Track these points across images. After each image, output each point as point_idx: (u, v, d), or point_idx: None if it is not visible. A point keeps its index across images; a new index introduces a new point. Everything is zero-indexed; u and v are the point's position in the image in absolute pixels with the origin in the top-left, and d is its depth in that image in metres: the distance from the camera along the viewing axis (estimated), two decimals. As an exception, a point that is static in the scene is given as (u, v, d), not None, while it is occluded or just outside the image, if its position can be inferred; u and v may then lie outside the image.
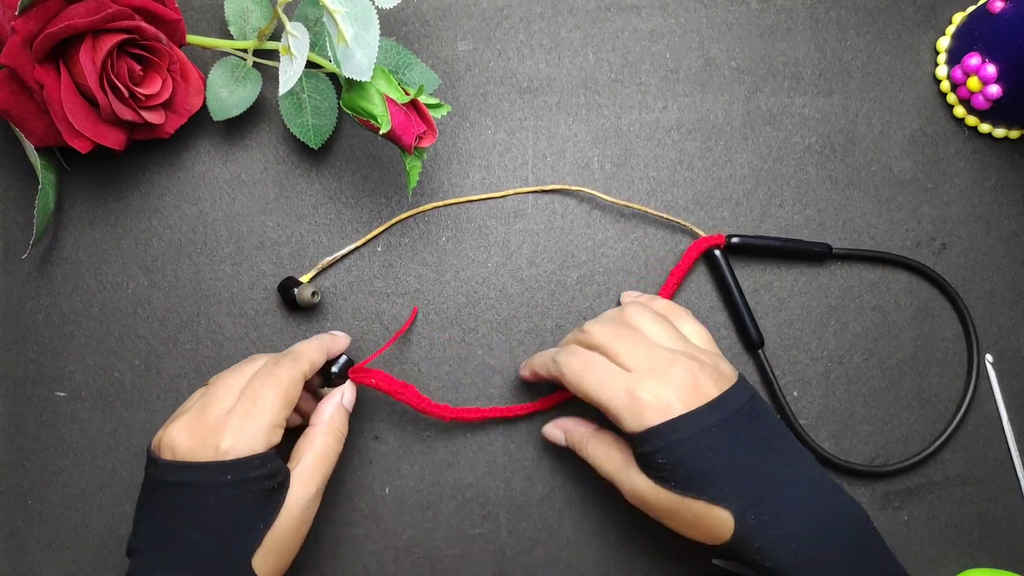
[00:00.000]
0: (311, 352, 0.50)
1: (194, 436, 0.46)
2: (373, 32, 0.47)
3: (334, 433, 0.50)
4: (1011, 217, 0.60)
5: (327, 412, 0.51)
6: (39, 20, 0.48)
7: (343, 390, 0.52)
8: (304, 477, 0.48)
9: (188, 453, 0.45)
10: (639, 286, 0.58)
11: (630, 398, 0.46)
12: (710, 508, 0.46)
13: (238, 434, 0.45)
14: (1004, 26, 0.55)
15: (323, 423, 0.50)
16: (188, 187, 0.58)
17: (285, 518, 0.46)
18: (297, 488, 0.47)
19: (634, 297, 0.56)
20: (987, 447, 0.59)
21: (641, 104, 0.59)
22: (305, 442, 0.49)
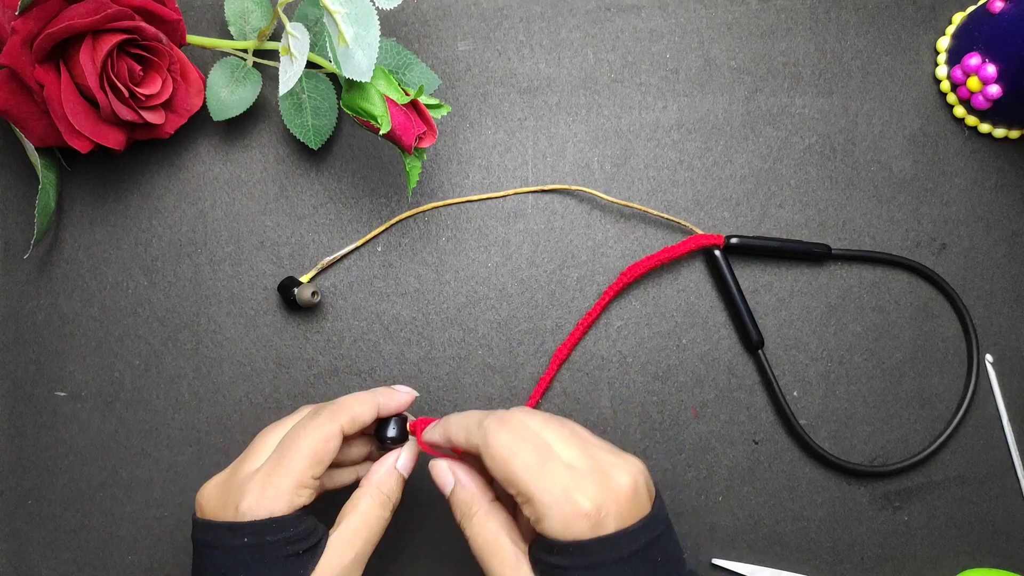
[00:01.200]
0: (355, 405, 0.46)
1: (220, 495, 0.44)
2: (373, 32, 0.47)
3: (380, 497, 0.46)
4: (1011, 217, 0.60)
5: (377, 474, 0.47)
6: (39, 20, 0.48)
7: (399, 452, 0.47)
8: (341, 543, 0.44)
9: (211, 512, 0.44)
10: (640, 285, 0.58)
11: (566, 500, 0.39)
12: None
13: (258, 495, 0.43)
14: (1004, 26, 0.55)
15: (370, 485, 0.46)
16: (188, 187, 0.58)
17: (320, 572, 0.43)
18: (332, 554, 0.44)
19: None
20: (987, 447, 0.59)
21: (641, 104, 0.59)
22: (349, 504, 0.46)
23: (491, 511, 0.44)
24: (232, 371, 0.57)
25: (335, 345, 0.57)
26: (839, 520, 0.58)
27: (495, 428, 0.42)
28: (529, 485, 0.40)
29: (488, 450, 0.41)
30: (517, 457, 0.41)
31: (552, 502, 0.39)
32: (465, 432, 0.43)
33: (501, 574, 0.42)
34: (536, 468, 0.40)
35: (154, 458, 0.56)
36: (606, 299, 0.57)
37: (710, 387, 0.58)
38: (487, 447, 0.42)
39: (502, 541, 0.43)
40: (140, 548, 0.56)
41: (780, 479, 0.58)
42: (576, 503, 0.39)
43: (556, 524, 0.39)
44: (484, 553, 0.43)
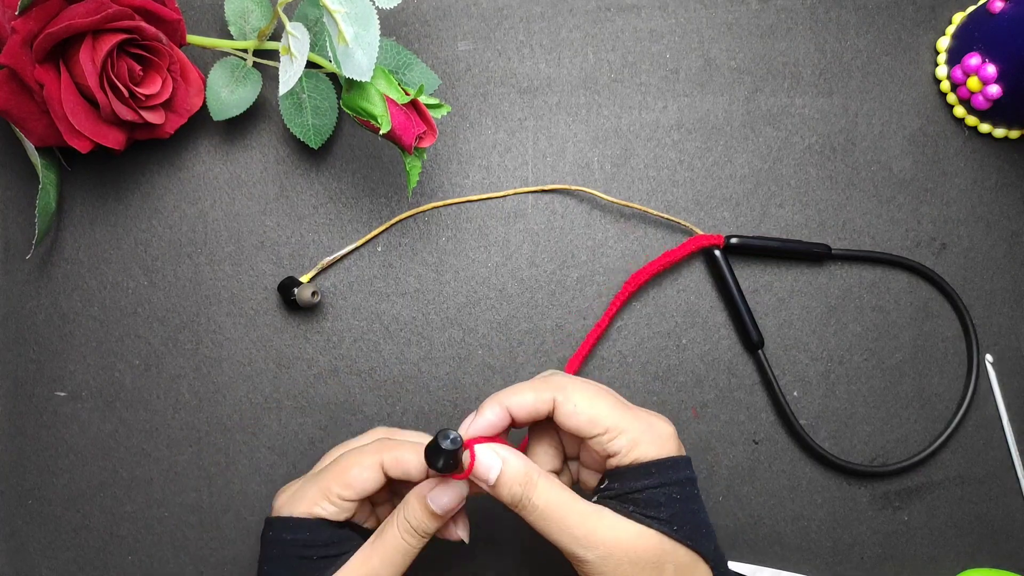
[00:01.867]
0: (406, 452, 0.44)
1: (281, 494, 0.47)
2: (373, 32, 0.47)
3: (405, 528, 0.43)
4: (1011, 217, 0.60)
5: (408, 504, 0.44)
6: (39, 20, 0.48)
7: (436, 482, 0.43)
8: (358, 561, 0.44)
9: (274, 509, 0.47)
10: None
11: (652, 426, 0.43)
12: (698, 563, 0.43)
13: (287, 498, 0.46)
14: (1004, 26, 0.55)
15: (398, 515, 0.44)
16: (188, 187, 0.58)
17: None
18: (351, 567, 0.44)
19: None
20: (987, 447, 0.59)
21: (641, 104, 0.59)
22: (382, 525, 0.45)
23: (550, 476, 0.43)
24: (232, 371, 0.57)
25: (335, 345, 0.57)
26: (839, 520, 0.58)
27: (569, 383, 0.44)
28: (619, 419, 0.42)
29: (570, 400, 0.43)
30: (599, 400, 0.43)
31: (644, 427, 0.43)
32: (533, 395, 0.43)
33: (583, 527, 0.41)
34: (620, 407, 0.43)
35: (154, 458, 0.56)
36: (613, 309, 0.57)
37: (710, 387, 0.58)
38: (568, 399, 0.43)
39: (575, 499, 0.42)
40: (140, 548, 0.56)
41: (780, 479, 0.58)
42: (664, 427, 0.44)
43: (652, 447, 0.43)
44: (560, 515, 0.41)
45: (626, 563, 0.41)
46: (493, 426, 0.43)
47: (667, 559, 0.42)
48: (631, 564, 0.41)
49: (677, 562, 0.42)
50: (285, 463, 0.56)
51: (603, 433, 0.42)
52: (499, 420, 0.43)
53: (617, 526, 0.41)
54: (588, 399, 0.43)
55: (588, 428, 0.43)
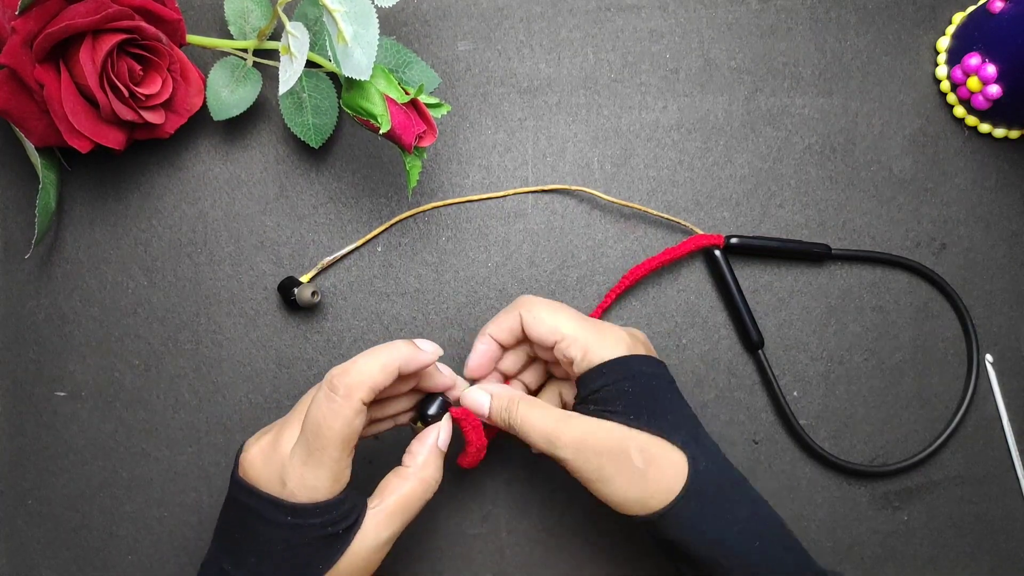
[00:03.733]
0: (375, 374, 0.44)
1: (266, 464, 0.44)
2: (373, 31, 0.47)
3: (424, 480, 0.47)
4: (1011, 217, 0.60)
5: (420, 455, 0.47)
6: (39, 20, 0.48)
7: (438, 429, 0.48)
8: (379, 519, 0.45)
9: (257, 479, 0.44)
10: (640, 285, 0.58)
11: (603, 333, 0.48)
12: (665, 447, 0.46)
13: (298, 480, 0.43)
14: (1004, 26, 0.55)
15: (416, 467, 0.47)
16: (188, 187, 0.58)
17: (350, 559, 0.44)
18: (369, 529, 0.45)
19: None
20: (987, 447, 0.59)
21: (641, 104, 0.59)
22: (394, 481, 0.47)
23: (527, 397, 0.49)
24: (232, 371, 0.57)
25: (335, 345, 0.57)
26: (839, 520, 0.58)
27: (531, 300, 0.49)
28: (574, 329, 0.48)
29: (532, 312, 0.49)
30: (558, 313, 0.48)
31: (595, 335, 0.48)
32: (504, 317, 0.50)
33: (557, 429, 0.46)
34: (576, 319, 0.48)
35: (154, 458, 0.56)
36: (607, 301, 0.57)
37: (710, 387, 0.58)
38: (530, 311, 0.49)
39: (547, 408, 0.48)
40: (140, 548, 0.56)
41: (780, 479, 0.58)
42: (614, 332, 0.48)
43: (604, 350, 0.47)
44: (536, 425, 0.47)
45: (593, 455, 0.46)
46: (486, 354, 0.50)
47: (629, 444, 0.46)
48: (597, 455, 0.46)
49: (640, 447, 0.46)
50: (285, 463, 0.56)
51: (561, 340, 0.48)
52: (489, 348, 0.50)
53: (581, 424, 0.46)
54: (550, 312, 0.49)
55: (549, 336, 0.48)
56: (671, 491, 0.45)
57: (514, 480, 0.57)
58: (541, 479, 0.57)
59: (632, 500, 0.46)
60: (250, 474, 0.45)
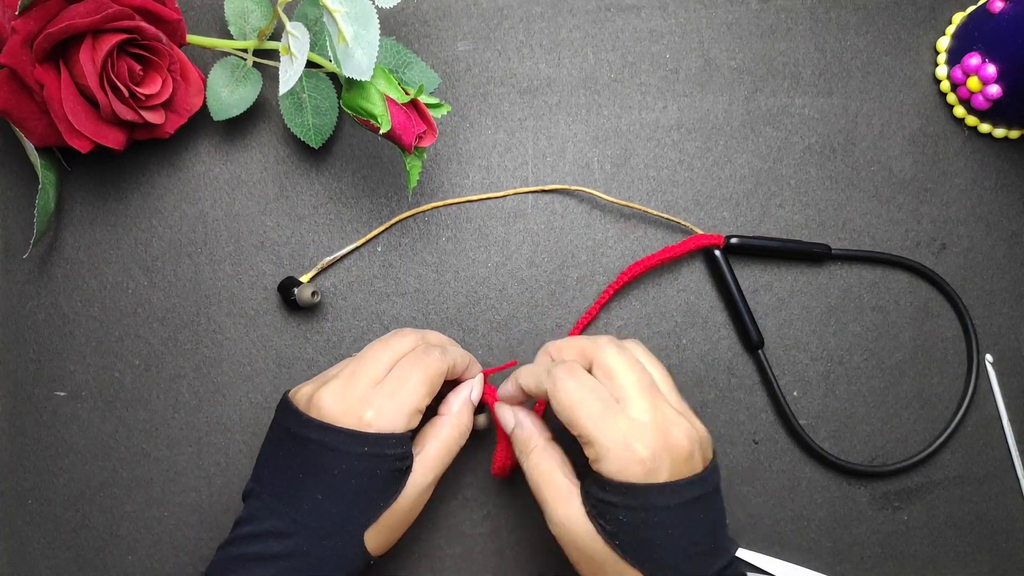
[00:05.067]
0: (458, 355, 0.51)
1: (342, 401, 0.46)
2: (373, 31, 0.47)
3: (459, 427, 0.51)
4: (1011, 217, 0.60)
5: (455, 405, 0.51)
6: (39, 20, 0.48)
7: (472, 384, 0.52)
8: (426, 464, 0.48)
9: (332, 416, 0.46)
10: (639, 285, 0.58)
11: (625, 446, 0.43)
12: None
13: (381, 410, 0.46)
14: (1004, 26, 0.55)
15: (451, 415, 0.51)
16: (188, 187, 0.58)
17: (403, 500, 0.47)
18: (417, 473, 0.48)
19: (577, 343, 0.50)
20: (987, 447, 0.59)
21: (641, 104, 0.59)
22: (432, 431, 0.50)
23: (547, 448, 0.48)
24: (232, 371, 0.57)
25: (335, 345, 0.57)
26: (839, 520, 0.58)
27: (563, 377, 0.46)
28: (591, 430, 0.44)
29: (555, 395, 0.46)
30: (582, 406, 0.44)
31: (611, 446, 0.43)
32: (535, 380, 0.48)
33: (554, 504, 0.46)
34: (599, 416, 0.44)
35: (154, 458, 0.56)
36: (606, 297, 0.57)
37: (710, 387, 0.58)
38: (554, 394, 0.46)
39: (555, 475, 0.47)
40: (140, 548, 0.56)
41: (780, 479, 0.58)
42: (633, 450, 0.43)
43: (613, 466, 0.43)
44: (539, 484, 0.47)
45: (573, 546, 0.46)
46: (512, 396, 0.50)
47: (608, 564, 0.45)
48: (576, 550, 0.46)
49: (618, 571, 0.44)
50: (285, 463, 0.56)
51: (578, 436, 0.45)
52: (516, 394, 0.50)
53: (575, 513, 0.46)
54: (571, 397, 0.45)
55: (566, 424, 0.46)
56: None
57: (514, 480, 0.57)
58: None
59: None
60: (323, 412, 0.46)
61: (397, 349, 0.49)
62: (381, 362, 0.48)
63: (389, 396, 0.47)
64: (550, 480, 0.47)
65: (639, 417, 0.44)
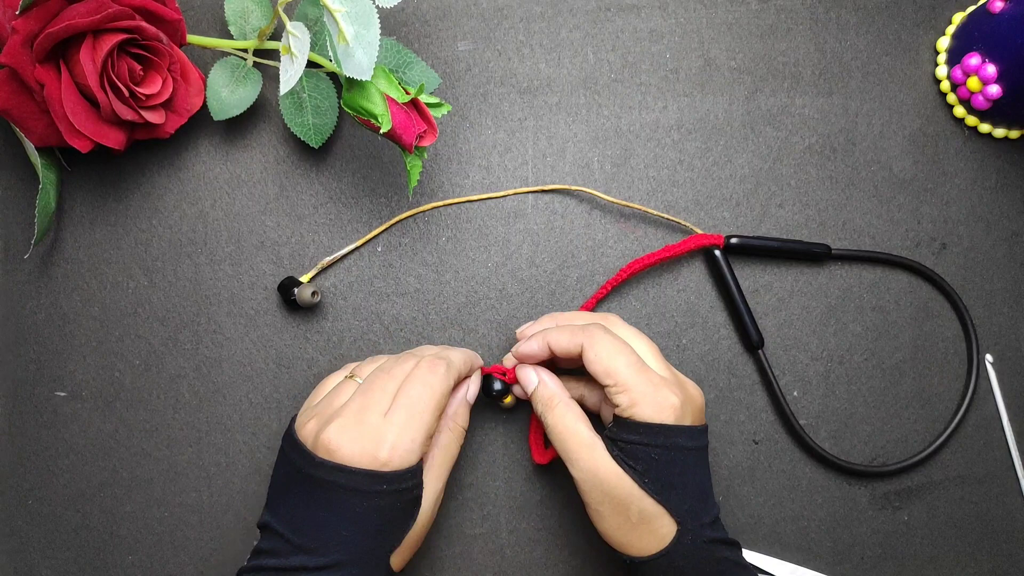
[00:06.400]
0: (460, 363, 0.51)
1: (354, 441, 0.46)
2: (373, 31, 0.47)
3: (457, 430, 0.52)
4: (1011, 217, 0.60)
5: (451, 407, 0.52)
6: (39, 20, 0.48)
7: (469, 384, 0.53)
8: (433, 476, 0.50)
9: (347, 458, 0.45)
10: (639, 285, 0.58)
11: (656, 392, 0.48)
12: (662, 514, 0.48)
13: (396, 446, 0.46)
14: (1004, 26, 0.55)
15: (448, 418, 0.52)
16: (188, 187, 0.58)
17: (424, 509, 0.48)
18: (428, 487, 0.49)
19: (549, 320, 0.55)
20: (987, 447, 0.59)
21: (641, 104, 0.59)
22: (433, 439, 0.51)
23: (569, 404, 0.51)
24: (232, 371, 0.57)
25: (335, 345, 0.57)
26: (839, 520, 0.58)
27: (599, 335, 0.49)
28: (627, 378, 0.48)
29: (593, 349, 0.49)
30: (619, 359, 0.48)
31: (647, 392, 0.48)
32: (569, 337, 0.50)
33: (579, 451, 0.49)
34: (634, 369, 0.48)
35: (154, 458, 0.56)
36: (603, 292, 0.57)
37: (710, 387, 0.58)
38: (592, 347, 0.49)
39: (579, 426, 0.49)
40: (140, 548, 0.56)
41: (780, 479, 0.58)
42: (667, 397, 0.48)
43: (649, 409, 0.48)
44: (564, 436, 0.49)
45: (599, 492, 0.48)
46: (534, 353, 0.52)
47: (633, 502, 0.47)
48: (602, 493, 0.48)
49: (642, 508, 0.47)
50: (285, 463, 0.56)
51: (612, 385, 0.48)
52: (540, 350, 0.51)
53: (601, 459, 0.48)
54: (609, 352, 0.49)
55: (602, 377, 0.49)
56: (650, 549, 0.48)
57: (514, 480, 0.57)
58: (541, 479, 0.57)
59: (614, 540, 0.49)
60: (335, 453, 0.46)
61: (397, 375, 0.49)
62: (387, 392, 0.48)
63: (400, 430, 0.46)
64: (575, 431, 0.49)
65: (662, 373, 0.50)
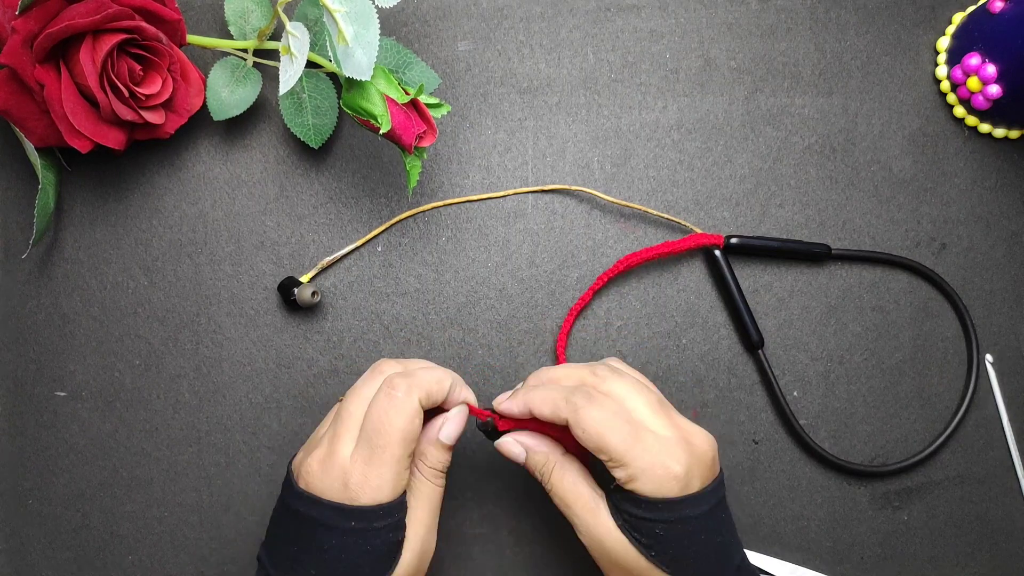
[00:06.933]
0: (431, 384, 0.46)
1: (325, 473, 0.44)
2: (373, 31, 0.47)
3: (434, 476, 0.48)
4: (1011, 217, 0.60)
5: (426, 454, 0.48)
6: (39, 20, 0.48)
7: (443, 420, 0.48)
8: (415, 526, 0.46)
9: (319, 489, 0.44)
10: (640, 285, 0.58)
11: (659, 464, 0.44)
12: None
13: (362, 482, 0.43)
14: (1004, 26, 0.55)
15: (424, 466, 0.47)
16: (188, 187, 0.58)
17: (406, 560, 0.45)
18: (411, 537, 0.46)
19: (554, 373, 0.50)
20: (987, 447, 0.59)
21: (641, 104, 0.59)
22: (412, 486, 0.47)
23: (565, 463, 0.48)
24: (232, 371, 0.57)
25: (335, 345, 0.57)
26: (839, 520, 0.58)
27: (585, 405, 0.45)
28: (623, 454, 0.44)
29: (580, 425, 0.44)
30: (611, 432, 0.44)
31: (646, 467, 0.44)
32: (552, 407, 0.46)
33: (583, 517, 0.46)
34: (629, 440, 0.44)
35: (154, 458, 0.56)
36: (599, 283, 0.57)
37: (710, 387, 0.58)
38: (578, 423, 0.44)
39: (580, 487, 0.47)
40: (140, 548, 0.56)
41: (780, 479, 0.58)
42: (668, 468, 0.44)
43: (649, 485, 0.44)
44: (565, 500, 0.47)
45: (606, 560, 0.46)
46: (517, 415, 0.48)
47: (643, 573, 0.45)
48: (610, 563, 0.46)
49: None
50: (285, 463, 0.56)
51: (607, 460, 0.45)
52: (521, 415, 0.48)
53: (605, 525, 0.46)
54: (598, 425, 0.44)
55: (595, 452, 0.45)
56: None
57: (514, 480, 0.57)
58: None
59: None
60: (311, 484, 0.44)
61: (367, 396, 0.46)
62: (355, 418, 0.45)
63: (365, 465, 0.43)
64: (577, 494, 0.47)
65: (663, 433, 0.45)
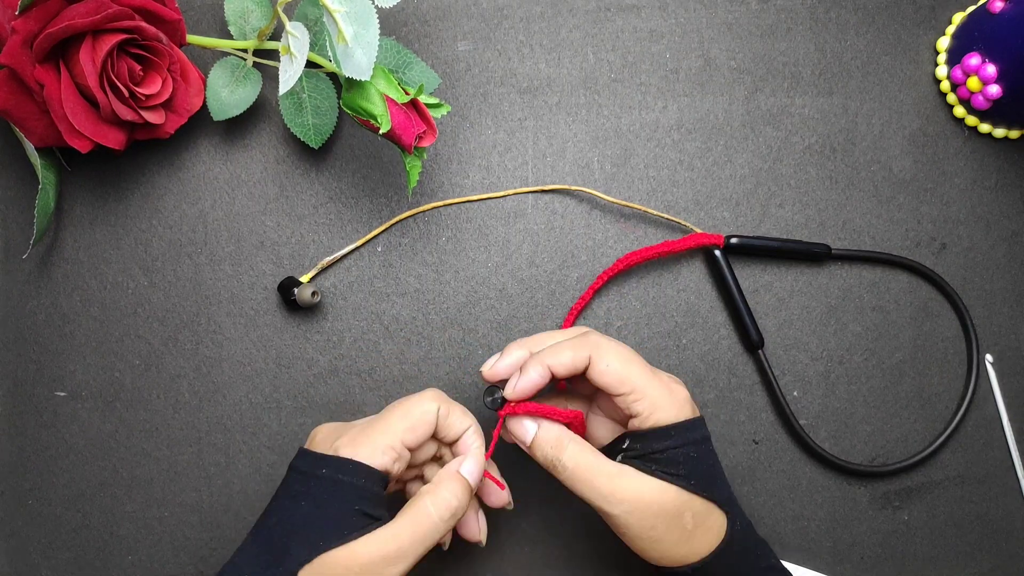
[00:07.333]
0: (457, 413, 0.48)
1: (329, 434, 0.47)
2: (373, 31, 0.47)
3: (437, 504, 0.45)
4: (1011, 217, 0.60)
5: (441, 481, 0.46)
6: (39, 20, 0.48)
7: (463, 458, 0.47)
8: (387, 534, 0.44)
9: (315, 445, 0.47)
10: (640, 285, 0.58)
11: (670, 391, 0.47)
12: (712, 509, 0.47)
13: (347, 442, 0.45)
14: (1004, 26, 0.55)
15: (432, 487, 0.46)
16: (188, 187, 0.58)
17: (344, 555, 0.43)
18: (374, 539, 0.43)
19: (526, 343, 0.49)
20: (987, 447, 0.59)
21: (641, 104, 0.59)
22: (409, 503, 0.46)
23: (576, 439, 0.47)
24: (232, 371, 0.57)
25: (335, 345, 0.57)
26: (839, 520, 0.58)
27: (604, 341, 0.47)
28: (645, 386, 0.46)
29: (604, 359, 0.46)
30: (631, 363, 0.46)
31: (663, 393, 0.46)
32: (571, 352, 0.46)
33: (610, 487, 0.45)
34: (648, 372, 0.47)
35: (154, 458, 0.56)
36: (599, 283, 0.57)
37: (710, 387, 0.58)
38: (602, 358, 0.46)
39: (600, 460, 0.46)
40: (140, 548, 0.56)
41: (780, 479, 0.58)
42: (679, 391, 0.47)
43: (671, 411, 0.46)
44: (587, 476, 0.46)
45: (649, 515, 0.45)
46: (536, 385, 0.47)
47: (685, 509, 0.46)
48: (654, 516, 0.46)
49: (695, 510, 0.46)
50: (285, 463, 0.56)
51: (629, 393, 0.46)
52: (541, 379, 0.47)
53: (640, 483, 0.46)
54: (620, 360, 0.46)
55: (617, 387, 0.46)
56: (708, 549, 0.47)
57: (514, 480, 0.57)
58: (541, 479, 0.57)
59: (674, 557, 0.47)
60: (313, 442, 0.48)
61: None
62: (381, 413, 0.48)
63: (361, 430, 0.46)
64: (599, 467, 0.46)
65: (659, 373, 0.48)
